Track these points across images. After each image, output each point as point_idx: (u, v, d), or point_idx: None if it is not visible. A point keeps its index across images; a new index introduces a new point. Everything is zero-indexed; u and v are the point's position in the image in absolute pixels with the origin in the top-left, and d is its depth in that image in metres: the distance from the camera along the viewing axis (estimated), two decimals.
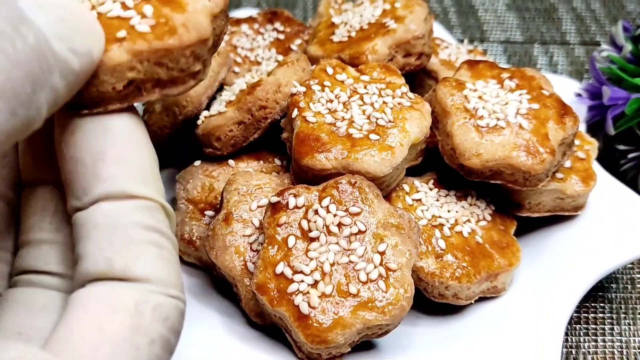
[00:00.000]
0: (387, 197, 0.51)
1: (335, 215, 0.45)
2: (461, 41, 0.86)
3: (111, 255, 0.23)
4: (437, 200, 0.53)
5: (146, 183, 0.25)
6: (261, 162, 0.57)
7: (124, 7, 0.28)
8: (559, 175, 0.54)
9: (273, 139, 0.56)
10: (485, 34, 0.92)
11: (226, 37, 0.69)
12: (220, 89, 0.61)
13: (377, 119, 0.50)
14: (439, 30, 0.76)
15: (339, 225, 0.45)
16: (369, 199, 0.47)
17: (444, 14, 0.95)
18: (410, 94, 0.53)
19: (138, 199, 0.25)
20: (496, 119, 0.51)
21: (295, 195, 0.47)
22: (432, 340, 0.50)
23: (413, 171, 0.55)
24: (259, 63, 0.66)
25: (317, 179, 0.48)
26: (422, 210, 0.52)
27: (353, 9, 0.64)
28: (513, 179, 0.51)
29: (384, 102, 0.51)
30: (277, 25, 0.70)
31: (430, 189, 0.54)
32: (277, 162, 0.57)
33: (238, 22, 0.70)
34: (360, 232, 0.45)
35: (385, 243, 0.45)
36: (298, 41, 0.68)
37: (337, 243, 0.45)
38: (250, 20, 0.70)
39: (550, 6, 0.97)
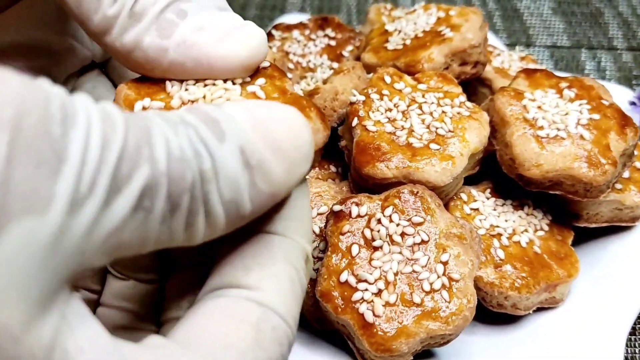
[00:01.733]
0: (445, 205, 0.52)
1: (398, 225, 0.46)
2: (508, 45, 0.86)
3: (251, 266, 0.24)
4: (495, 209, 0.54)
5: (309, 232, 0.27)
6: (317, 168, 0.58)
7: None
8: (617, 186, 0.54)
9: (328, 146, 0.57)
10: (531, 39, 0.91)
11: (277, 43, 0.69)
12: None
13: (436, 128, 0.50)
14: (488, 36, 0.76)
15: (402, 234, 0.45)
16: (431, 208, 0.47)
17: (488, 17, 0.95)
18: (468, 103, 0.53)
19: (295, 242, 0.26)
20: (556, 129, 0.51)
21: (357, 204, 0.47)
22: (490, 349, 0.50)
23: (469, 179, 0.55)
24: (310, 69, 0.67)
25: (378, 187, 0.49)
26: (480, 220, 0.52)
27: (406, 16, 0.64)
28: (573, 190, 0.51)
29: (442, 112, 0.52)
30: (328, 31, 0.70)
31: (488, 198, 0.54)
32: (333, 168, 0.58)
33: (289, 28, 0.71)
34: (423, 241, 0.45)
35: (447, 253, 0.45)
36: (349, 47, 0.68)
37: (400, 252, 0.45)
38: (301, 26, 0.71)
39: (596, 10, 0.96)
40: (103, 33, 0.27)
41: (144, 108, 0.28)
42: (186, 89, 0.29)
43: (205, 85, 0.29)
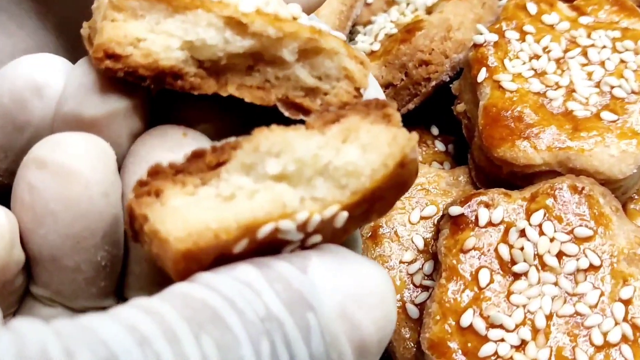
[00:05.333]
0: (623, 208, 0.41)
1: (552, 240, 0.37)
2: None
3: None
4: None
5: None
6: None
7: None
8: None
9: (432, 110, 0.47)
10: None
11: None
12: (352, 32, 0.53)
13: (611, 87, 0.41)
14: None
15: (559, 255, 0.37)
16: (604, 215, 0.38)
17: None
18: None
19: None
20: None
21: (488, 206, 0.38)
22: None
23: None
24: None
25: (517, 178, 0.40)
26: None
27: None
28: None
29: (621, 61, 0.42)
30: None
31: None
32: (440, 146, 0.48)
33: None
34: (592, 267, 0.37)
35: (631, 286, 0.36)
36: None
37: (555, 283, 0.37)
38: None
39: None
40: None
41: None
42: None
43: None
